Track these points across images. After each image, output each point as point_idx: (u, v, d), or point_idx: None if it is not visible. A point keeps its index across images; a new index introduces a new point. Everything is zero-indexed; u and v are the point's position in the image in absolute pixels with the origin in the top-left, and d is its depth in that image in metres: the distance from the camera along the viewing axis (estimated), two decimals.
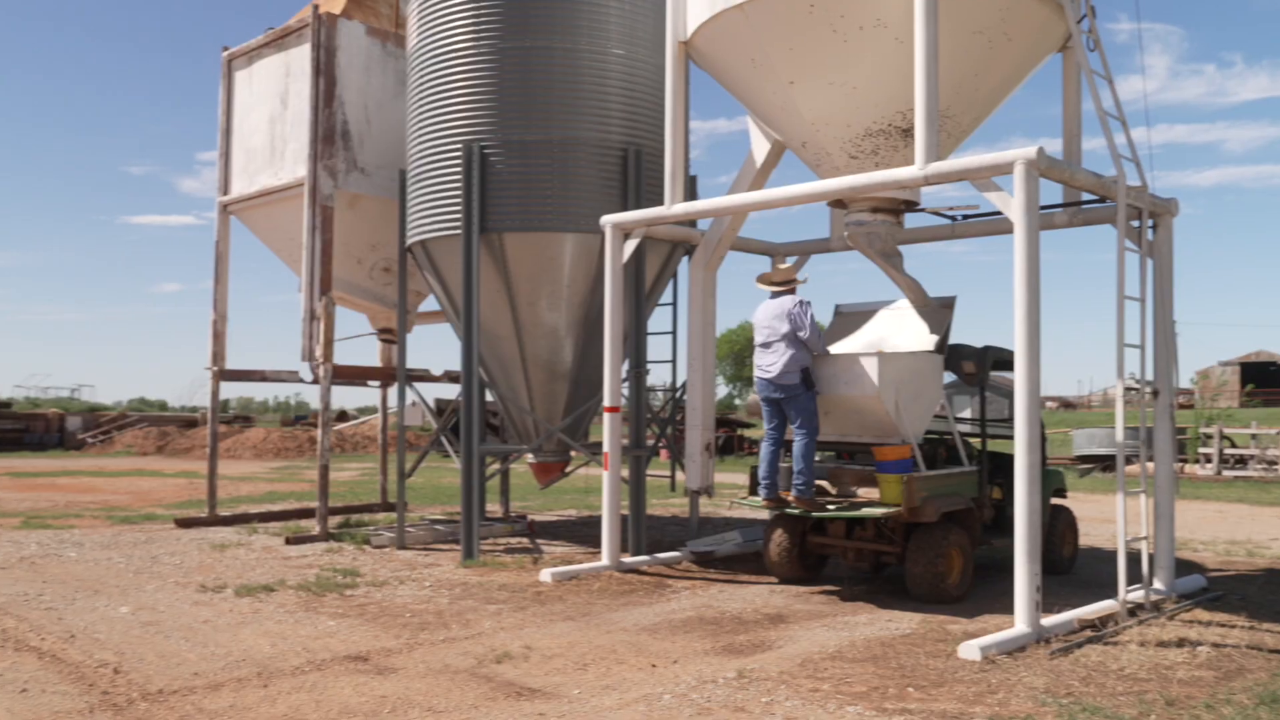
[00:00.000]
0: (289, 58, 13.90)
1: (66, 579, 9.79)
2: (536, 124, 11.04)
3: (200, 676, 6.27)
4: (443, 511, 16.13)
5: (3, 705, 5.64)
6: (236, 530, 13.78)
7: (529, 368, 11.76)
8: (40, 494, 20.41)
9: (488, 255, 11.14)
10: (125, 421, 51.50)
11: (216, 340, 14.75)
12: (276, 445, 41.04)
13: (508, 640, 7.28)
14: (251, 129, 14.48)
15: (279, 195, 13.83)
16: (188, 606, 8.47)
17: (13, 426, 47.78)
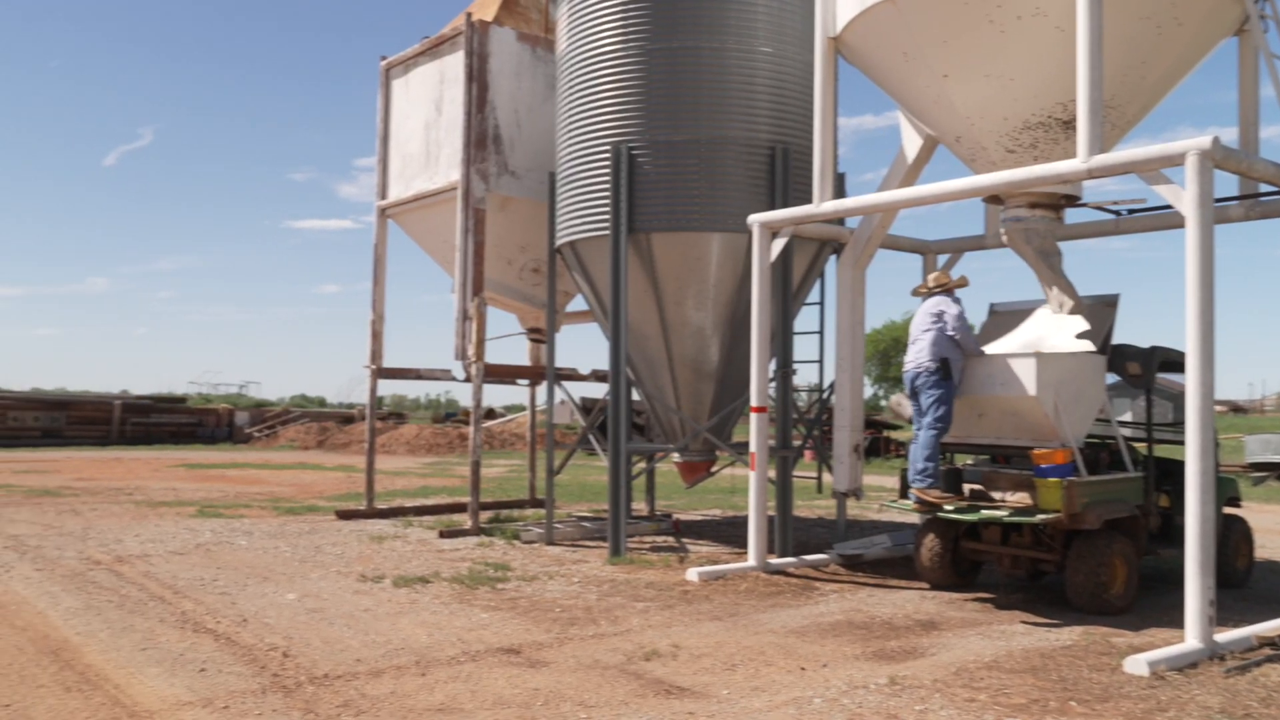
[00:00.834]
0: (443, 65, 14.32)
1: (238, 566, 10.31)
2: (684, 124, 11.08)
3: (362, 663, 6.51)
4: (589, 509, 16.34)
5: (184, 683, 5.98)
6: (393, 523, 14.27)
7: (675, 367, 11.80)
8: (212, 485, 21.59)
9: (635, 255, 11.23)
10: (288, 417, 54.00)
11: (375, 339, 15.31)
12: (428, 441, 42.32)
13: (656, 638, 7.32)
14: (408, 135, 14.97)
15: (434, 199, 14.26)
16: (349, 595, 8.81)
17: (187, 421, 50.74)
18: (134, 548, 11.40)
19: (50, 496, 17.79)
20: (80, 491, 18.94)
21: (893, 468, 28.14)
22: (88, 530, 12.94)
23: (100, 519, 14.30)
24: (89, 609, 8.03)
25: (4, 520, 13.97)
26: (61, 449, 41.15)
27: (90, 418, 47.66)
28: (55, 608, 8.07)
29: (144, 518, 14.54)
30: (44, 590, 8.79)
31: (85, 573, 9.71)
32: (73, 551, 11.04)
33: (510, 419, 49.41)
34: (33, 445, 43.11)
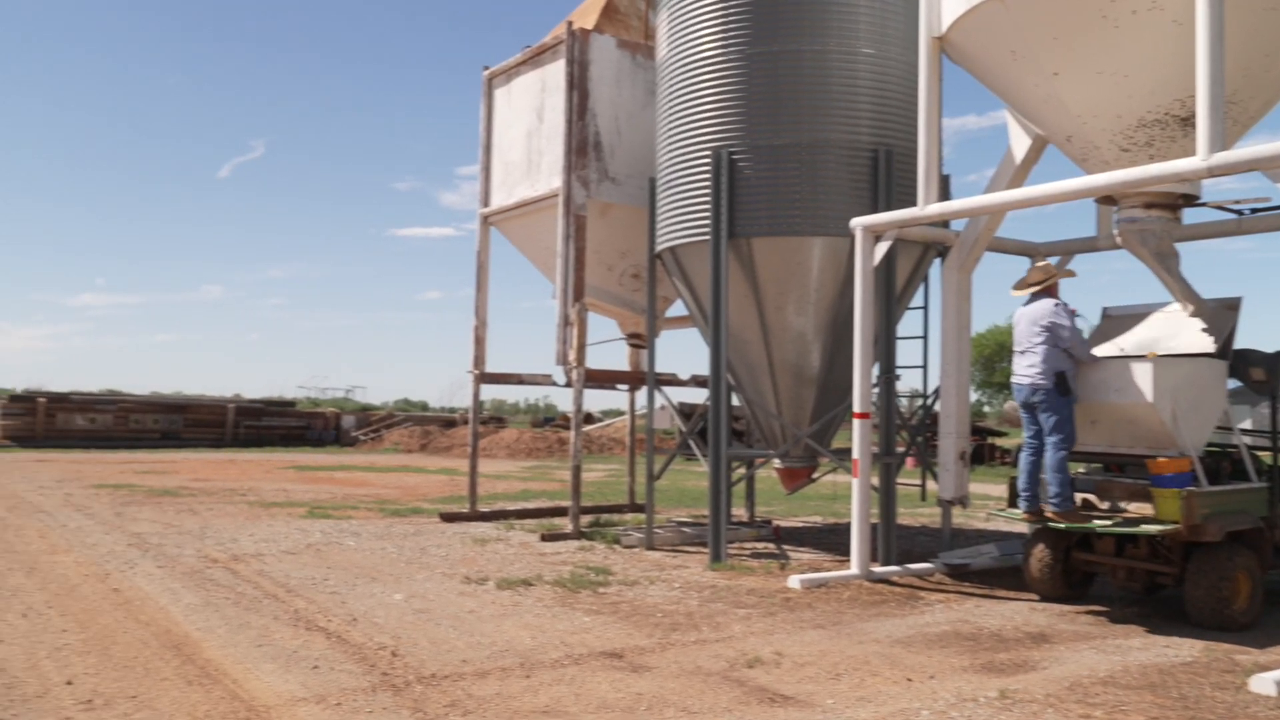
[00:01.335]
0: (545, 74, 14.49)
1: (347, 566, 10.57)
2: (785, 128, 11.01)
3: (468, 664, 6.61)
4: (688, 514, 16.34)
5: (298, 679, 6.15)
6: (495, 526, 14.48)
7: (776, 372, 11.72)
8: (321, 486, 22.18)
9: (736, 260, 11.20)
10: (392, 421, 55.21)
11: (478, 345, 15.55)
12: (528, 445, 42.82)
13: (758, 645, 7.28)
14: (510, 143, 15.19)
15: (535, 206, 14.44)
16: (454, 597, 8.96)
17: (297, 424, 52.26)
18: (248, 547, 11.78)
19: (169, 496, 18.49)
20: (197, 492, 19.65)
21: (997, 475, 27.50)
22: (205, 529, 13.41)
23: (216, 519, 14.81)
24: (207, 605, 8.32)
25: (127, 519, 14.56)
26: (179, 450, 42.74)
27: (206, 420, 49.43)
28: (176, 604, 8.38)
29: (257, 518, 15.01)
30: (165, 587, 9.13)
31: (203, 570, 10.06)
32: (191, 550, 11.46)
33: (608, 423, 49.68)
34: (152, 446, 44.88)
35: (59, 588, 9.01)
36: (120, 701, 5.63)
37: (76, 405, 46.63)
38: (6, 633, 7.21)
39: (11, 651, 6.67)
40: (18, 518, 14.51)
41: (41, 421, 45.08)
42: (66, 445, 43.25)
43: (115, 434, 46.35)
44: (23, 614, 7.86)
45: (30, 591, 8.79)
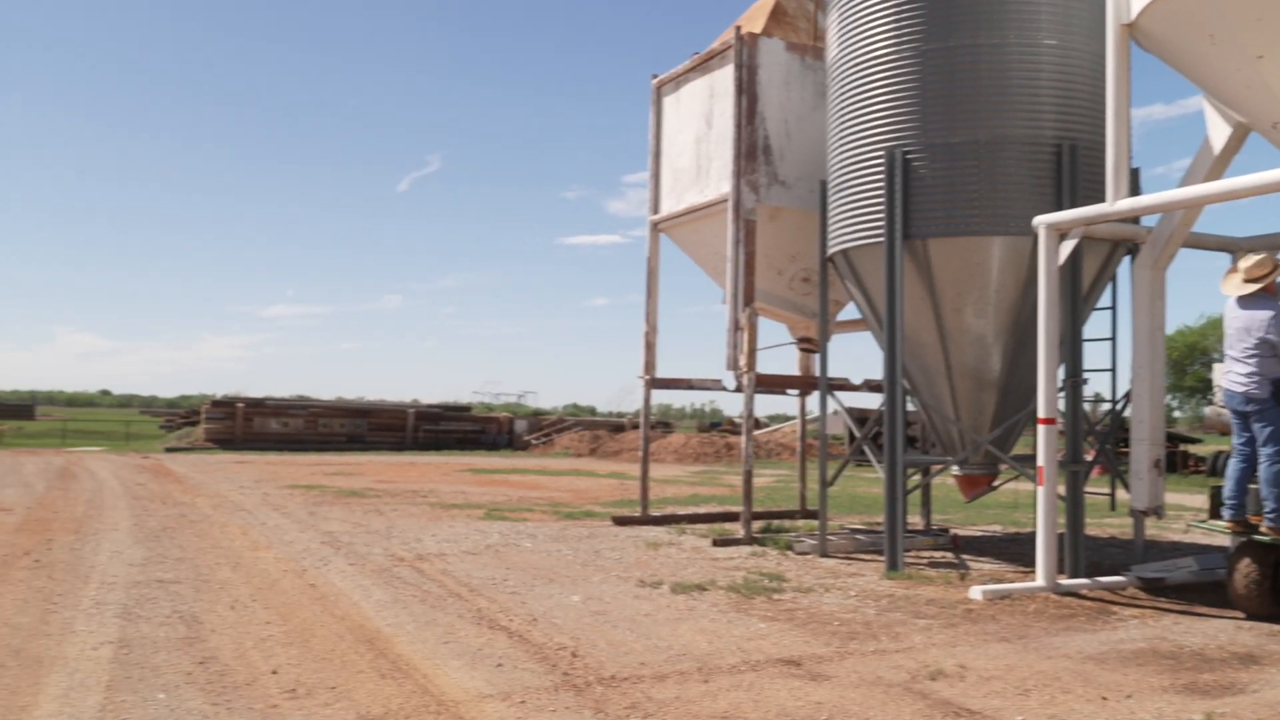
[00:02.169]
0: (713, 80, 14.53)
1: (525, 567, 10.83)
2: (962, 125, 10.70)
3: (646, 666, 6.68)
4: (861, 521, 16.06)
5: (483, 676, 6.34)
6: (666, 530, 14.58)
7: (954, 376, 11.40)
8: (497, 489, 22.82)
9: (911, 262, 10.95)
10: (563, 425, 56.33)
11: (648, 350, 15.71)
12: (695, 450, 42.95)
13: (940, 657, 7.08)
14: (679, 150, 15.29)
15: (704, 212, 14.48)
16: (630, 600, 9.06)
17: (472, 428, 53.99)
18: (432, 547, 12.22)
19: (356, 497, 19.39)
20: (382, 493, 20.53)
21: (1192, 484, 25.97)
22: (390, 529, 13.99)
23: (400, 519, 15.43)
24: (396, 603, 8.67)
25: (320, 518, 15.33)
26: (363, 453, 44.75)
27: (388, 424, 51.60)
28: (367, 600, 8.76)
29: (438, 519, 15.56)
30: (357, 584, 9.57)
31: (391, 569, 10.49)
32: (379, 549, 11.97)
33: (775, 429, 49.35)
34: (339, 449, 47.16)
35: (261, 582, 9.56)
36: (321, 691, 5.92)
37: (271, 410, 49.44)
38: (217, 623, 7.69)
39: (222, 641, 7.12)
40: (222, 515, 15.48)
41: (240, 425, 47.98)
42: (262, 447, 45.90)
43: (305, 437, 48.93)
44: (230, 606, 8.38)
45: (236, 585, 9.36)
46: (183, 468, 30.10)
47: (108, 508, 16.44)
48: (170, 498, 18.67)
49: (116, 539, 12.40)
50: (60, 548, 11.53)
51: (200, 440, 47.91)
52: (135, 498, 18.51)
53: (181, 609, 8.19)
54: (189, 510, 16.25)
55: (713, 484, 26.36)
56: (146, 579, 9.55)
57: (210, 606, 8.33)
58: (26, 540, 12.09)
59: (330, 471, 28.82)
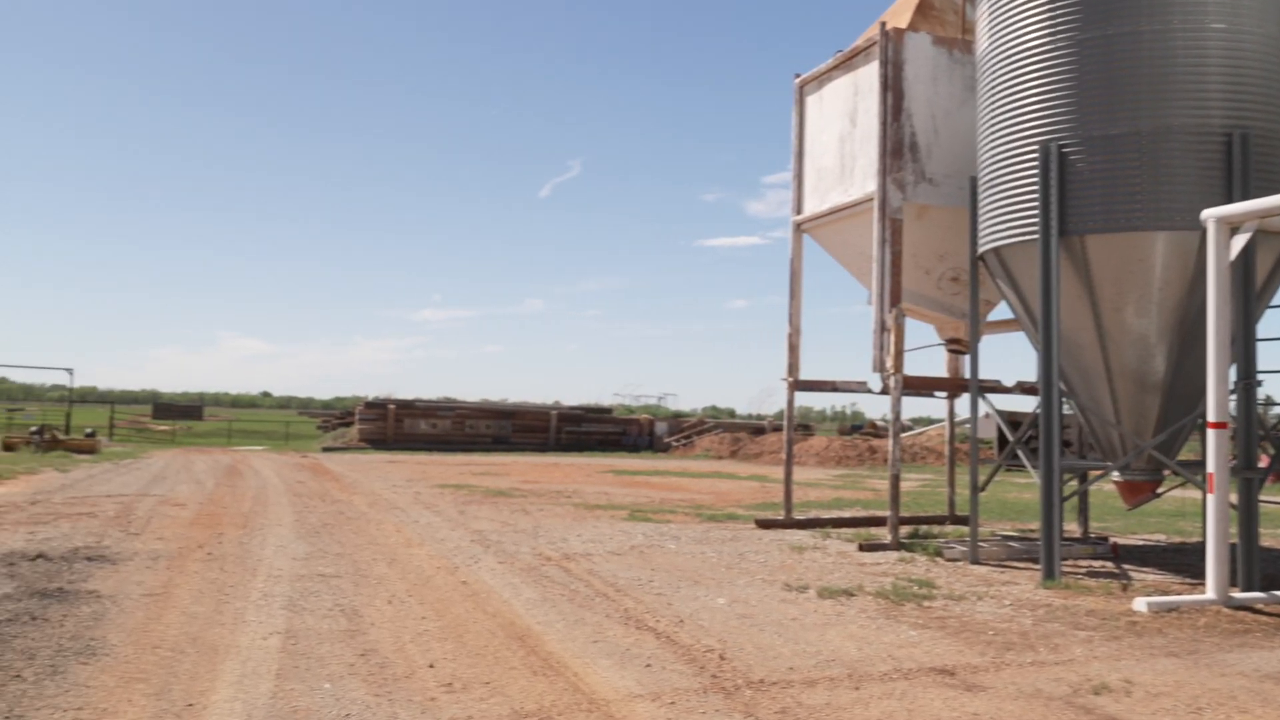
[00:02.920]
0: (857, 77, 14.31)
1: (670, 568, 10.88)
2: (1122, 116, 10.26)
3: (795, 671, 6.61)
4: (1013, 528, 15.56)
5: (633, 676, 6.38)
6: (811, 534, 14.41)
7: (1114, 378, 10.93)
8: (639, 490, 23.00)
9: (1067, 259, 10.55)
10: (703, 427, 56.35)
11: (791, 352, 15.57)
12: (838, 453, 42.40)
13: (1103, 671, 6.79)
14: (822, 149, 15.11)
15: (849, 211, 14.28)
16: (775, 603, 8.99)
17: (613, 430, 54.54)
18: (577, 546, 12.39)
19: (503, 497, 19.82)
20: (527, 493, 20.93)
21: None
22: (537, 529, 14.25)
23: (546, 519, 15.70)
24: (545, 601, 8.82)
25: (469, 517, 15.73)
26: (508, 454, 45.74)
27: (531, 426, 52.59)
28: (517, 598, 8.94)
29: (582, 519, 15.77)
30: (507, 581, 9.77)
31: (539, 567, 10.68)
32: (527, 548, 12.20)
33: (919, 432, 48.29)
34: (485, 450, 48.30)
35: (416, 578, 9.86)
36: (476, 686, 6.07)
37: (420, 411, 51.00)
38: (377, 617, 7.97)
39: (381, 635, 7.37)
40: (377, 513, 16.04)
41: (391, 426, 49.64)
42: (412, 447, 47.39)
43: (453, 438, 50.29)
44: (388, 600, 8.67)
45: (393, 581, 9.68)
46: (339, 466, 31.34)
47: (271, 504, 17.24)
48: (328, 495, 19.46)
49: (280, 534, 12.99)
50: (230, 541, 12.15)
51: (354, 440, 49.79)
52: (296, 495, 19.36)
53: (342, 602, 8.52)
54: (346, 508, 16.90)
55: (856, 488, 25.96)
56: (309, 573, 9.97)
57: (369, 601, 8.63)
58: (199, 534, 12.78)
59: (477, 471, 29.56)
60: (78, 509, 15.50)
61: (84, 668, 6.21)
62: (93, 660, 6.39)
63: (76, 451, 34.45)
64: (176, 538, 12.35)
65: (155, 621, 7.57)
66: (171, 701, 5.59)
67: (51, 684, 5.84)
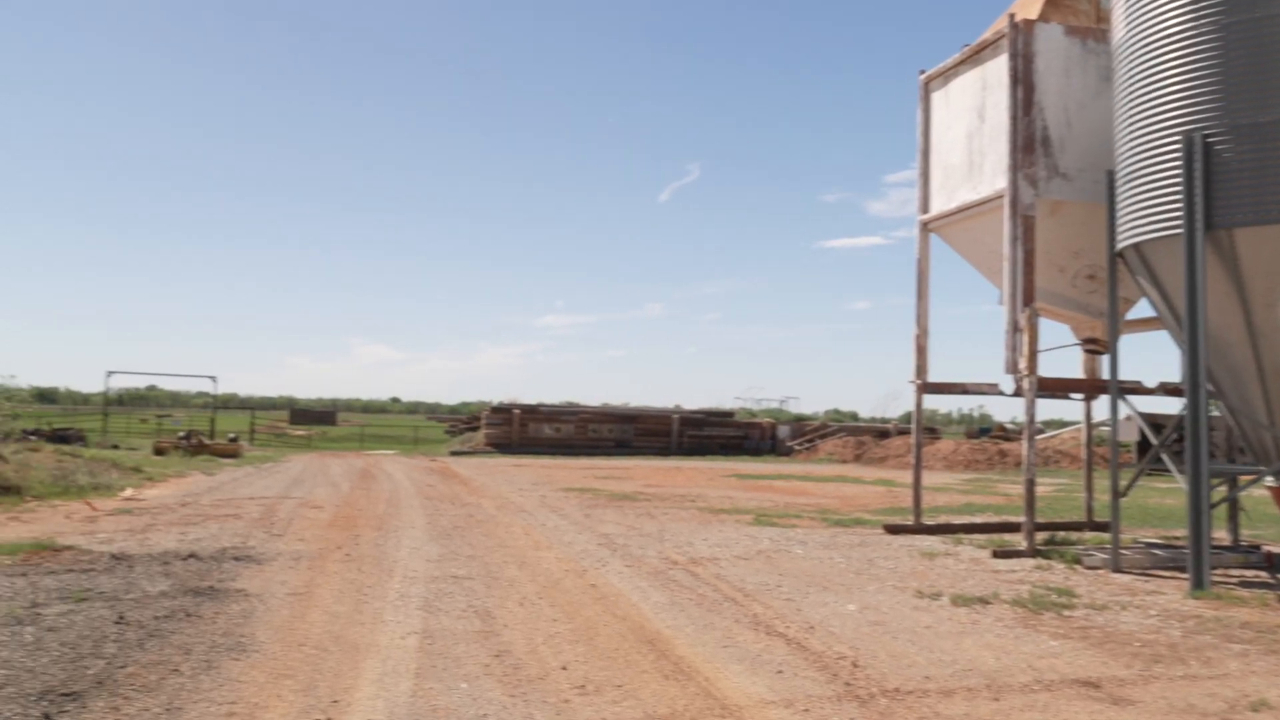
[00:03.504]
0: (985, 71, 13.96)
1: (797, 573, 10.77)
2: (1272, 103, 9.75)
3: (931, 680, 6.47)
4: (1156, 535, 14.94)
5: (764, 682, 6.34)
6: (941, 540, 14.10)
7: (1267, 378, 10.39)
8: (763, 494, 22.86)
9: (1214, 254, 10.08)
10: (826, 431, 55.71)
11: (919, 354, 15.27)
12: (966, 457, 41.37)
13: (1261, 686, 6.46)
14: (949, 146, 14.78)
15: (978, 209, 13.93)
16: (908, 610, 8.82)
17: (735, 434, 54.39)
18: (704, 550, 12.38)
19: (628, 500, 19.94)
20: (651, 497, 21.02)
21: None
22: (662, 532, 14.29)
23: (671, 522, 15.73)
24: (673, 605, 8.84)
25: (595, 520, 15.88)
26: (630, 458, 46.02)
27: (653, 430, 52.82)
28: (645, 601, 8.98)
29: (707, 523, 15.75)
30: (634, 585, 9.83)
31: (665, 571, 10.71)
32: (653, 551, 12.25)
33: (1053, 435, 46.74)
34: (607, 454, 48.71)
35: (545, 581, 9.99)
36: (608, 689, 6.11)
37: (544, 416, 51.74)
38: (509, 619, 8.11)
39: (515, 637, 7.49)
40: (506, 516, 16.33)
41: (516, 430, 50.50)
42: (536, 451, 48.12)
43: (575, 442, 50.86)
44: (519, 602, 8.81)
45: (523, 583, 9.84)
46: (466, 470, 32.03)
47: (404, 507, 17.72)
48: (458, 498, 19.90)
49: (414, 536, 13.33)
50: (366, 543, 12.52)
51: (480, 444, 50.81)
52: (427, 498, 19.85)
53: (475, 604, 8.69)
54: (475, 510, 17.25)
55: (986, 492, 25.28)
56: (443, 574, 10.20)
57: (501, 602, 8.79)
58: (337, 535, 13.21)
59: (601, 475, 29.82)
60: (224, 510, 16.20)
61: (235, 663, 6.48)
62: (243, 656, 6.67)
63: (221, 456, 36.02)
64: (316, 539, 12.79)
65: (299, 620, 7.85)
66: (318, 698, 5.79)
67: (206, 678, 6.11)
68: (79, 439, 39.63)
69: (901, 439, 46.63)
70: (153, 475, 23.97)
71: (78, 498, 17.62)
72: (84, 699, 5.59)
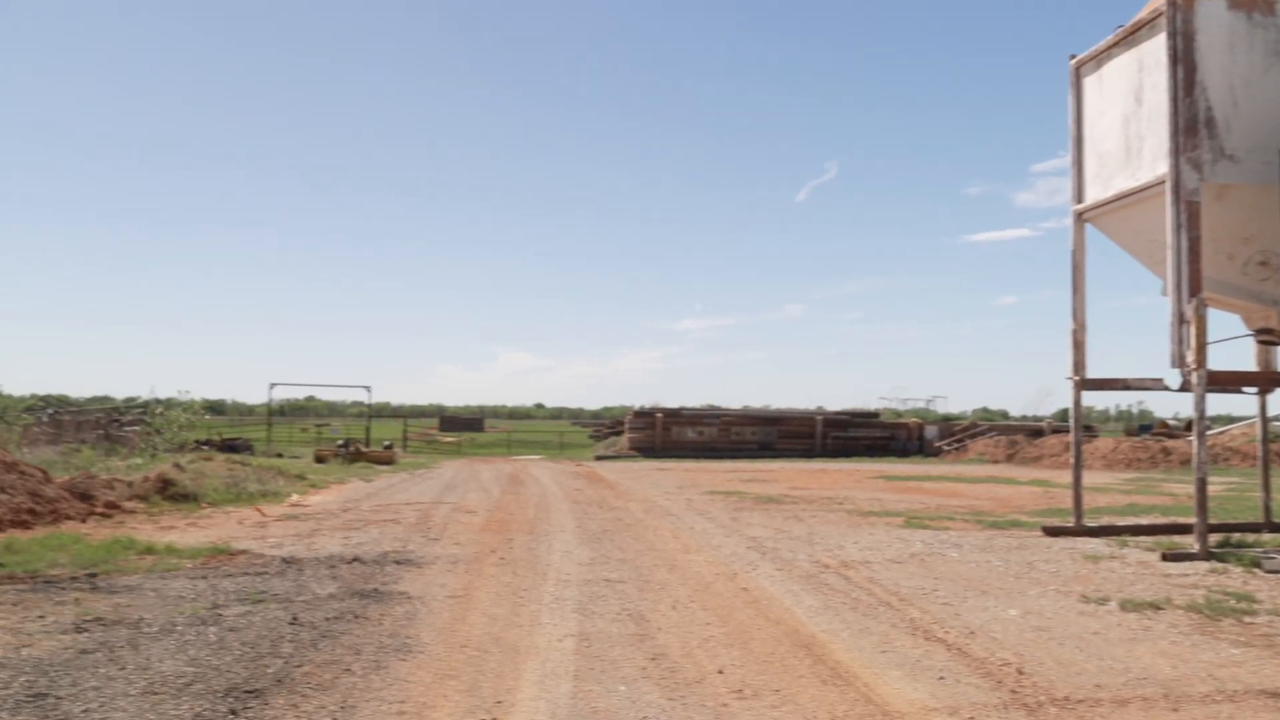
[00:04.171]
0: (1140, 52, 13.36)
1: (954, 577, 10.51)
2: None
3: (1103, 689, 6.22)
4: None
5: (926, 689, 6.21)
6: (1105, 542, 13.54)
7: None
8: (912, 496, 22.39)
9: None
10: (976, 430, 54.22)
11: (1076, 350, 14.71)
12: (1126, 456, 39.63)
13: None
14: (1103, 132, 14.21)
15: (1137, 196, 13.35)
16: (1073, 616, 8.50)
17: (880, 434, 53.47)
18: (854, 554, 12.20)
19: (774, 503, 19.82)
20: (798, 499, 20.84)
21: None
22: (812, 535, 14.15)
23: (820, 525, 15.56)
24: (827, 609, 8.74)
25: (742, 523, 15.84)
26: (773, 460, 45.75)
27: (796, 432, 52.39)
28: (799, 605, 8.90)
29: (857, 526, 15.52)
30: (786, 589, 9.76)
31: (817, 575, 10.60)
32: (803, 555, 12.14)
33: (1221, 431, 44.31)
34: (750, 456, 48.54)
35: (696, 584, 10.02)
36: (766, 694, 6.09)
37: (687, 419, 51.91)
38: (662, 622, 8.16)
39: (669, 640, 7.53)
40: (653, 519, 16.44)
41: (659, 434, 50.82)
42: (679, 455, 48.31)
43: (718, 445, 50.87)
44: (672, 606, 8.86)
45: (674, 586, 9.88)
46: (612, 474, 32.39)
47: (553, 511, 18.03)
48: (605, 502, 20.14)
49: (564, 539, 13.55)
50: (519, 547, 12.79)
51: (624, 448, 51.31)
52: (575, 502, 20.15)
53: (629, 607, 8.77)
54: (623, 514, 17.42)
55: (1150, 492, 24.14)
56: (595, 577, 10.34)
57: (654, 605, 8.85)
58: (491, 539, 13.54)
59: (745, 478, 29.73)
60: (383, 515, 16.79)
61: (402, 663, 6.71)
62: (409, 657, 6.90)
63: (377, 463, 37.36)
64: (471, 543, 13.14)
65: (460, 622, 8.08)
66: (482, 698, 5.94)
67: (376, 678, 6.34)
68: (247, 448, 41.71)
69: (1056, 438, 44.99)
70: (315, 482, 25.04)
71: (248, 504, 18.56)
72: (265, 696, 5.88)
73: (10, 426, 27.61)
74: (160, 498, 17.76)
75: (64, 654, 6.80)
